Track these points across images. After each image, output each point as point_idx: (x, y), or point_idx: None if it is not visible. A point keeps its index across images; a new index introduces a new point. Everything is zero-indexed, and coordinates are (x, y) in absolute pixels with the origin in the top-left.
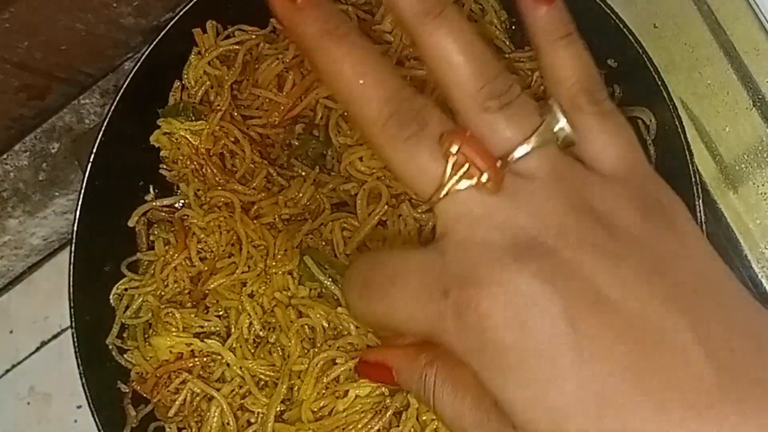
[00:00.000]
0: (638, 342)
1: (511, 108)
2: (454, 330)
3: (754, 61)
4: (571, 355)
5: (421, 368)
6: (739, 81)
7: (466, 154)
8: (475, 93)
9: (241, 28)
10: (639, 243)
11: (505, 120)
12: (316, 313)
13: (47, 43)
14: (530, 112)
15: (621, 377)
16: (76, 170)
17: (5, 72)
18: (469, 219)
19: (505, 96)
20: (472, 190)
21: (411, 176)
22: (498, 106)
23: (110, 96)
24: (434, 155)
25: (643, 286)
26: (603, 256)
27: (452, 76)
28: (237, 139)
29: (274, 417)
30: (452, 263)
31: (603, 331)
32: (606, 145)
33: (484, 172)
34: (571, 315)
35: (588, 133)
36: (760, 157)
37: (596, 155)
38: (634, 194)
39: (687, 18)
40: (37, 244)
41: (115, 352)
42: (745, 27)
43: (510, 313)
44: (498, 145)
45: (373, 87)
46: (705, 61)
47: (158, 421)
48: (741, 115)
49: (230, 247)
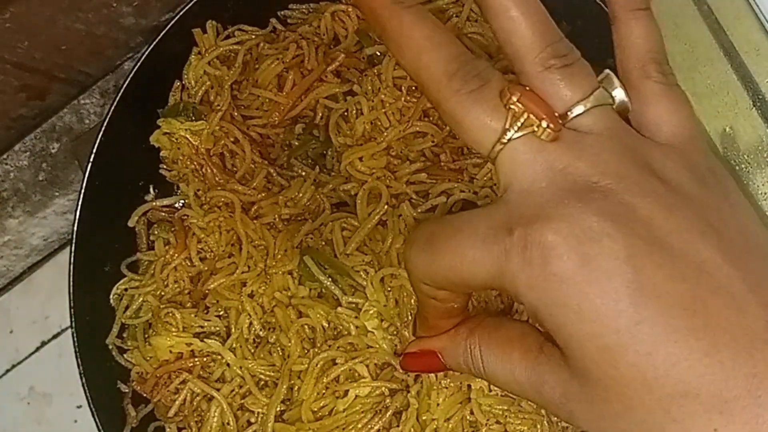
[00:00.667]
0: (693, 286)
1: (572, 68)
2: (518, 265)
3: (754, 61)
4: (628, 291)
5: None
6: (739, 81)
7: (524, 104)
8: (539, 52)
9: (241, 28)
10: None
11: (565, 79)
12: (316, 313)
13: (47, 43)
14: (589, 74)
15: (675, 317)
16: (76, 170)
17: (5, 72)
18: (529, 167)
19: (567, 57)
20: (532, 139)
21: (473, 129)
22: (560, 66)
23: (110, 96)
24: (496, 108)
25: (699, 236)
26: (661, 204)
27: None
28: (237, 139)
29: (274, 417)
30: (516, 207)
31: (659, 272)
32: (667, 113)
33: (543, 119)
34: (630, 253)
35: (652, 100)
36: (760, 157)
37: (656, 121)
38: (687, 162)
39: (687, 18)
40: (37, 244)
41: (115, 352)
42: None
43: (573, 245)
44: (557, 102)
45: (441, 47)
46: (705, 61)
47: (158, 421)
48: (741, 115)
49: (230, 247)
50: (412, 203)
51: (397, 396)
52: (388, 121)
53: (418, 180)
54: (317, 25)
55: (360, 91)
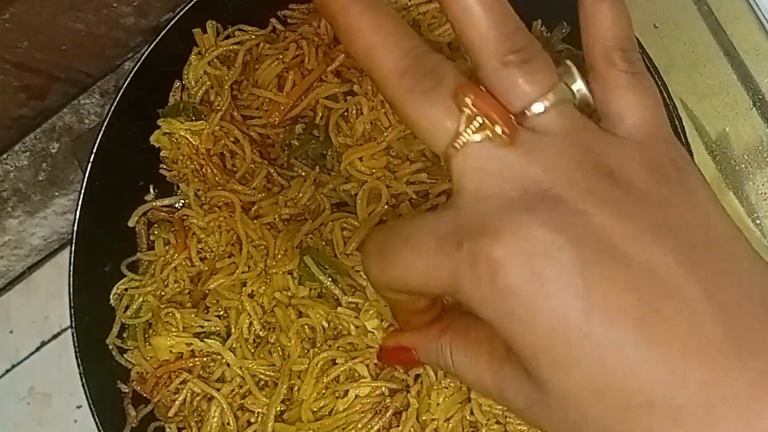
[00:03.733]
0: (645, 294)
1: (530, 64)
2: (468, 280)
3: (754, 61)
4: (579, 305)
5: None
6: (739, 81)
7: (479, 107)
8: (495, 47)
9: (241, 28)
10: (650, 200)
11: (524, 75)
12: (316, 313)
13: (47, 43)
14: (549, 69)
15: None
16: (76, 170)
17: (5, 72)
18: (482, 172)
19: (525, 51)
20: (486, 143)
21: (426, 129)
22: (518, 61)
23: (110, 96)
24: (449, 109)
25: (653, 239)
26: (614, 209)
27: (474, 29)
28: (237, 139)
29: (274, 417)
30: (465, 217)
31: (611, 283)
32: (631, 104)
33: (497, 124)
34: (580, 265)
35: (615, 90)
36: (760, 157)
37: (619, 112)
38: (649, 157)
39: (687, 18)
40: (37, 244)
41: (115, 352)
42: (745, 27)
43: (521, 261)
44: (515, 100)
45: (391, 42)
46: (705, 61)
47: (158, 421)
48: (741, 115)
49: (230, 247)
50: (412, 203)
51: (397, 396)
52: (388, 121)
53: (418, 180)
54: (317, 25)
55: (360, 91)
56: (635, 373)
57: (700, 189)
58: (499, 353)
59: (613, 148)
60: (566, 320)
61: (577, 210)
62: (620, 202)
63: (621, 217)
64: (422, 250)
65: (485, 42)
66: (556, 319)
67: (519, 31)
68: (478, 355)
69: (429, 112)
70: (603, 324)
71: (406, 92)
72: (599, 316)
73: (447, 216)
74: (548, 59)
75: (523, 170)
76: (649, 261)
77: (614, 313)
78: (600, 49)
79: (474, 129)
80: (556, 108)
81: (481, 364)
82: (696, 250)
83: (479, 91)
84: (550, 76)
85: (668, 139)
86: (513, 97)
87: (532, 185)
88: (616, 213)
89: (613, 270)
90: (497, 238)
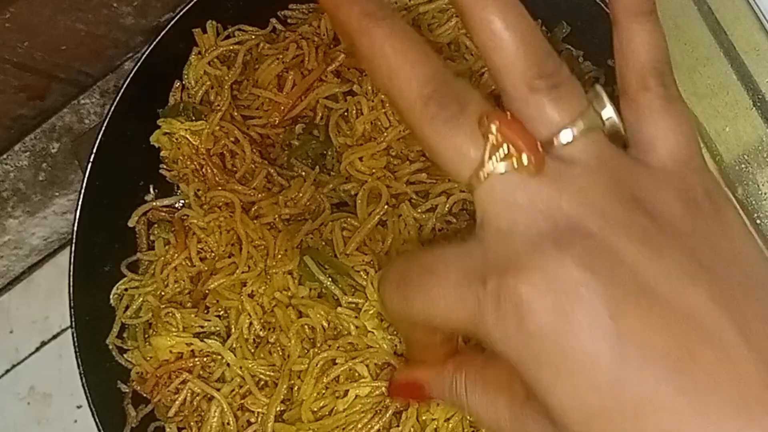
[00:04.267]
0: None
1: (559, 90)
2: (492, 319)
3: (754, 61)
4: (611, 351)
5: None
6: (739, 81)
7: (505, 134)
8: (523, 72)
9: (241, 28)
10: (685, 237)
11: (552, 102)
12: (316, 313)
13: (47, 43)
14: (578, 95)
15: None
16: (76, 170)
17: (5, 72)
18: (508, 204)
19: (554, 77)
20: (512, 173)
21: (449, 158)
22: (546, 87)
23: (110, 96)
24: (473, 136)
25: (688, 280)
26: (647, 246)
27: (501, 54)
28: (237, 139)
29: (274, 417)
30: (491, 251)
31: (645, 327)
32: (664, 131)
33: (524, 153)
34: (612, 307)
35: (649, 116)
36: (760, 157)
37: (651, 139)
38: (682, 188)
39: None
40: (37, 244)
41: (115, 352)
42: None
43: (549, 301)
44: (543, 128)
45: (414, 67)
46: (705, 61)
47: (158, 421)
48: (741, 115)
49: (230, 247)
50: (412, 203)
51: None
52: (388, 121)
53: (418, 180)
54: (317, 25)
55: (360, 91)
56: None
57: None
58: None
59: (645, 178)
60: (597, 367)
61: (608, 246)
62: (654, 238)
63: (654, 253)
64: (446, 283)
65: (513, 67)
66: (585, 364)
67: (549, 56)
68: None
69: (452, 139)
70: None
71: (429, 119)
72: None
73: (472, 248)
74: (578, 84)
75: (551, 202)
76: (684, 301)
77: (648, 356)
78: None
79: (499, 158)
80: (585, 136)
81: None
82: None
83: (505, 117)
84: (579, 102)
85: (702, 169)
86: (540, 125)
87: (561, 218)
88: (649, 249)
89: (647, 310)
90: (524, 276)
